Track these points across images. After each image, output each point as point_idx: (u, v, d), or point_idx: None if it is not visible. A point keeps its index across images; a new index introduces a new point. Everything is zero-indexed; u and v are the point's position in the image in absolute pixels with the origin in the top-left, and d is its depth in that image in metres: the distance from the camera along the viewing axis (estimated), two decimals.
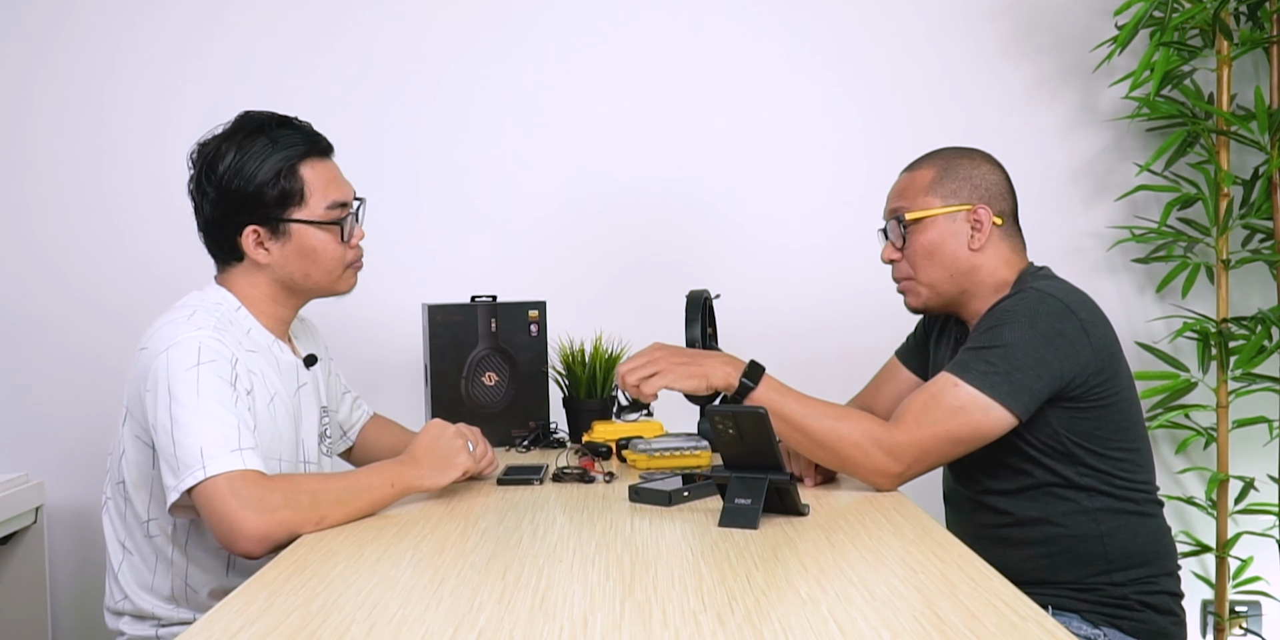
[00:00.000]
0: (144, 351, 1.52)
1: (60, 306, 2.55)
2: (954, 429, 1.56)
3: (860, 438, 1.57)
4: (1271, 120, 2.37)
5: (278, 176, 1.57)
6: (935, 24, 2.61)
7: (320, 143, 1.64)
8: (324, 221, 1.61)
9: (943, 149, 1.78)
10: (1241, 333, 2.45)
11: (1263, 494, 2.53)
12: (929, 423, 1.56)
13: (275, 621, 1.05)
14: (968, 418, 1.55)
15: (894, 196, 1.78)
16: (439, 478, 1.59)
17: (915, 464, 1.58)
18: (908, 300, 1.78)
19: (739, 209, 2.62)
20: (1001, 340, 1.57)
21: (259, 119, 1.61)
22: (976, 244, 1.70)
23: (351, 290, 1.70)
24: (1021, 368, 1.56)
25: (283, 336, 1.69)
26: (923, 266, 1.73)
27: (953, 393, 1.56)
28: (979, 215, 1.70)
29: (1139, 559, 1.64)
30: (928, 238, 1.71)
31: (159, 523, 1.58)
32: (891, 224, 1.76)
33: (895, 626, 0.99)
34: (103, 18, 2.55)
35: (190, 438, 1.42)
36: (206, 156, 1.59)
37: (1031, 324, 1.58)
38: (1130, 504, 1.65)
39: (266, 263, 1.61)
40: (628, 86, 2.61)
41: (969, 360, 1.58)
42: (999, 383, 1.55)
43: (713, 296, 1.96)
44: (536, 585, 1.14)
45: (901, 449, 1.56)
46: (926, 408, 1.57)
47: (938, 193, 1.71)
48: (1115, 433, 1.64)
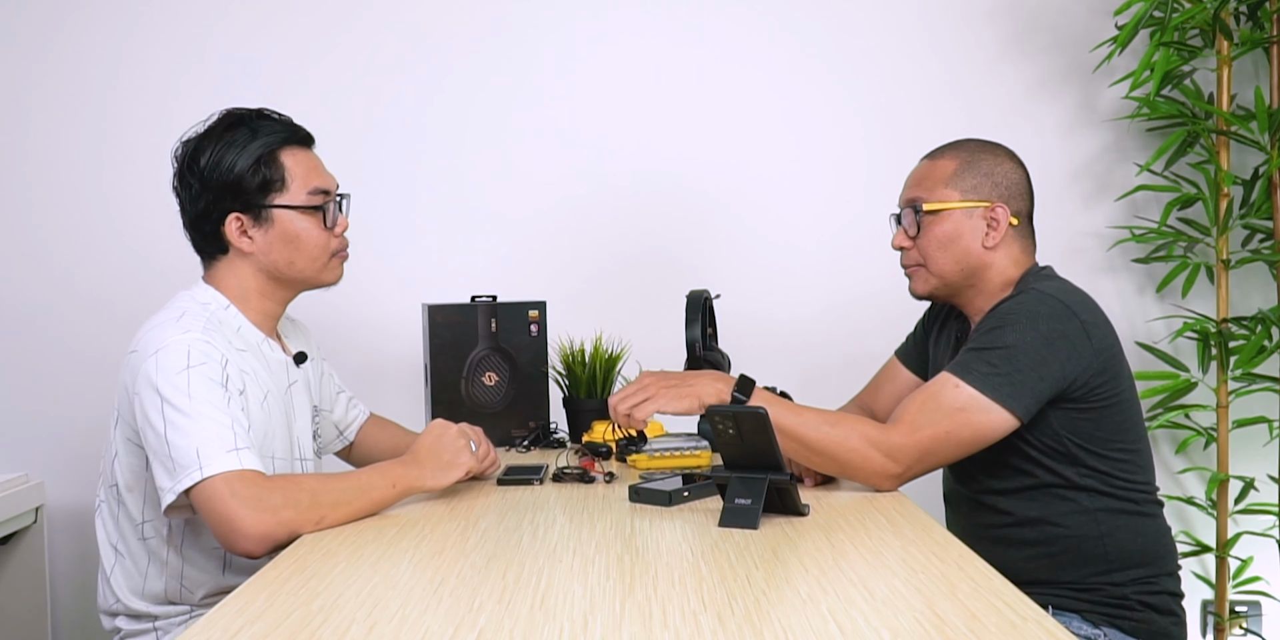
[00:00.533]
0: (134, 355, 1.52)
1: (60, 306, 2.55)
2: (954, 430, 1.55)
3: (857, 442, 1.56)
4: (1271, 120, 2.37)
5: (258, 163, 1.59)
6: (935, 24, 2.61)
7: (299, 132, 1.65)
8: (306, 206, 1.62)
9: (967, 140, 1.76)
10: (1241, 333, 2.45)
11: (1263, 494, 2.53)
12: (927, 423, 1.56)
13: (275, 621, 1.05)
14: (968, 418, 1.55)
15: (912, 184, 1.76)
16: (441, 478, 1.59)
17: (915, 465, 1.57)
18: (913, 285, 1.77)
19: (739, 208, 2.62)
20: (1003, 342, 1.57)
21: (239, 113, 1.64)
22: (991, 242, 1.69)
23: (338, 281, 1.70)
24: (1023, 369, 1.55)
25: (271, 334, 1.69)
26: (934, 257, 1.71)
27: (953, 394, 1.56)
28: (996, 214, 1.69)
29: (1139, 559, 1.64)
30: (942, 230, 1.70)
31: (154, 524, 1.58)
32: (907, 212, 1.74)
33: (895, 626, 0.99)
34: (103, 18, 2.55)
35: (185, 439, 1.42)
36: (189, 151, 1.61)
37: (1033, 325, 1.57)
38: (1130, 504, 1.65)
39: (251, 251, 1.62)
40: (628, 86, 2.61)
41: (970, 361, 1.58)
42: (1000, 384, 1.55)
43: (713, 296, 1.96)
44: (536, 585, 1.14)
45: (900, 450, 1.56)
46: (925, 408, 1.57)
47: (958, 186, 1.70)
48: (1116, 433, 1.63)
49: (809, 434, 1.57)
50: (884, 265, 2.63)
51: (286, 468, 1.65)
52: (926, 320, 1.95)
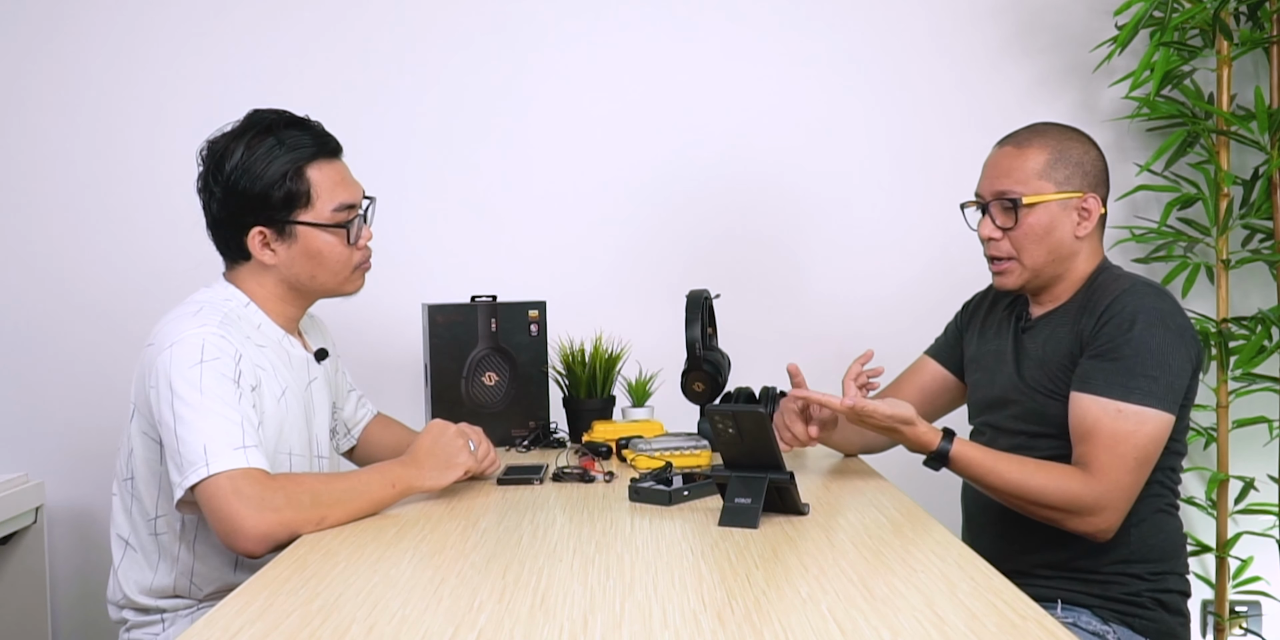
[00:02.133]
0: (150, 347, 1.53)
1: (60, 307, 2.55)
2: (1140, 454, 1.56)
3: (1060, 502, 1.56)
4: (1271, 120, 2.37)
5: (284, 178, 1.57)
6: (936, 23, 2.61)
7: (329, 143, 1.63)
8: (330, 224, 1.61)
9: (1047, 125, 1.74)
10: (1241, 333, 2.45)
11: (1263, 494, 2.53)
12: (1116, 462, 1.55)
13: (275, 621, 1.05)
14: (1148, 433, 1.56)
15: (999, 174, 1.71)
16: (440, 478, 1.59)
17: (1123, 502, 1.57)
18: (1001, 280, 1.74)
19: (740, 208, 2.62)
20: (1146, 346, 1.57)
21: (268, 118, 1.60)
22: (1082, 232, 1.69)
23: (359, 291, 1.70)
24: (1174, 370, 1.57)
25: (293, 331, 1.69)
26: (1029, 249, 1.69)
27: (1122, 421, 1.56)
28: (1089, 204, 1.69)
29: (1158, 554, 1.65)
30: (1039, 221, 1.68)
31: (167, 519, 1.59)
32: (998, 204, 1.70)
33: (895, 626, 0.99)
34: (103, 18, 2.55)
35: (194, 435, 1.42)
36: (215, 155, 1.59)
37: (1164, 323, 1.59)
38: (1162, 500, 1.67)
39: (273, 264, 1.61)
40: (628, 86, 2.61)
41: (1119, 376, 1.57)
42: (1163, 394, 1.56)
43: (712, 296, 1.96)
44: (536, 585, 1.14)
45: (1104, 497, 1.55)
46: (1106, 446, 1.56)
47: (1052, 178, 1.68)
48: (1180, 432, 1.66)
49: (1006, 487, 1.58)
50: (884, 264, 2.64)
51: (304, 464, 1.65)
52: (963, 318, 1.93)
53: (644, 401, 2.14)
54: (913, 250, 2.61)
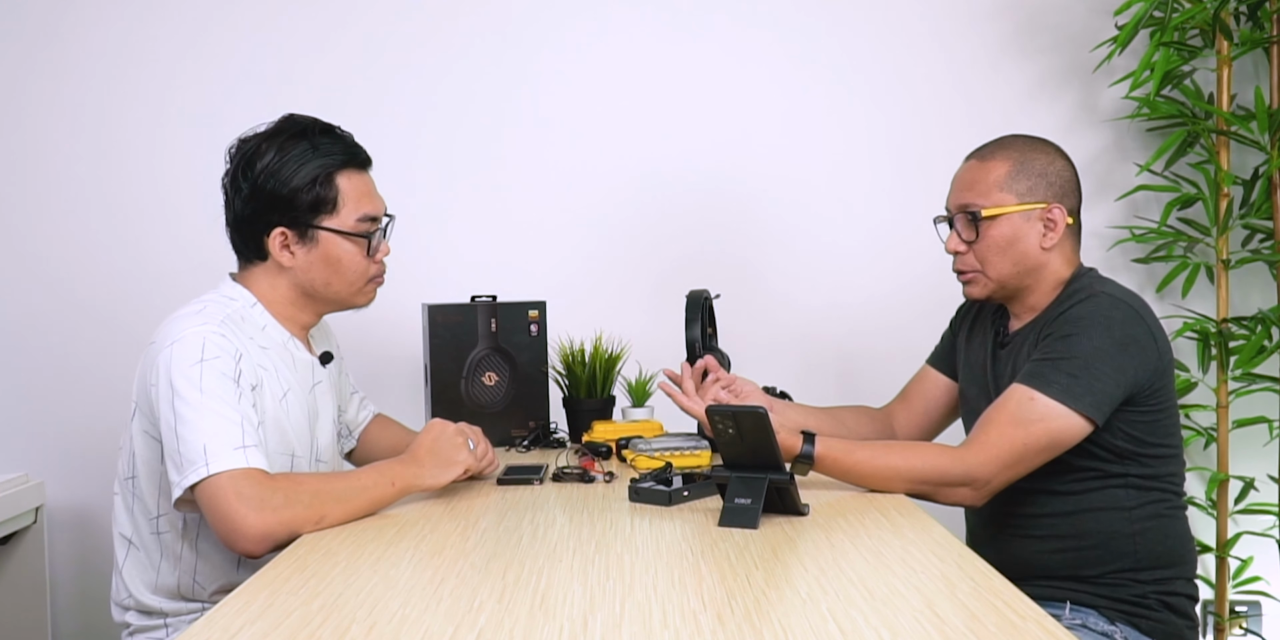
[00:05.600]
0: (152, 346, 1.54)
1: (60, 307, 2.55)
2: (1031, 441, 1.56)
3: (928, 471, 1.58)
4: (1271, 120, 2.37)
5: (314, 182, 1.59)
6: (936, 24, 2.61)
7: (360, 154, 1.66)
8: (353, 233, 1.63)
9: (1013, 138, 1.75)
10: (1241, 333, 2.45)
11: (1263, 494, 2.53)
12: (1003, 438, 1.56)
13: (275, 621, 1.05)
14: (1046, 427, 1.56)
15: (963, 187, 1.73)
16: (440, 477, 1.59)
17: (995, 479, 1.58)
18: (970, 290, 1.76)
19: (740, 208, 2.62)
20: (1079, 349, 1.57)
21: (303, 123, 1.63)
22: (1049, 243, 1.69)
23: (369, 304, 1.72)
24: (1101, 376, 1.56)
25: (300, 337, 1.70)
26: (993, 262, 1.70)
27: (1029, 406, 1.56)
28: (1053, 214, 1.68)
29: (1165, 560, 1.65)
30: (1001, 234, 1.69)
31: (169, 518, 1.59)
32: (961, 217, 1.71)
33: (895, 626, 0.99)
34: (105, 18, 2.55)
35: (194, 434, 1.43)
36: (246, 153, 1.60)
37: (1107, 331, 1.58)
38: (1163, 506, 1.67)
39: (290, 266, 1.62)
40: (628, 86, 2.61)
41: (1045, 371, 1.58)
42: (1081, 393, 1.55)
43: (712, 296, 1.96)
44: (536, 585, 1.14)
45: (978, 468, 1.56)
46: (998, 423, 1.57)
47: (1013, 189, 1.68)
48: (1165, 436, 1.65)
49: (873, 473, 1.59)
50: (884, 265, 2.64)
51: (305, 467, 1.66)
52: (955, 321, 1.94)
53: (644, 401, 2.14)
54: (913, 251, 2.60)
